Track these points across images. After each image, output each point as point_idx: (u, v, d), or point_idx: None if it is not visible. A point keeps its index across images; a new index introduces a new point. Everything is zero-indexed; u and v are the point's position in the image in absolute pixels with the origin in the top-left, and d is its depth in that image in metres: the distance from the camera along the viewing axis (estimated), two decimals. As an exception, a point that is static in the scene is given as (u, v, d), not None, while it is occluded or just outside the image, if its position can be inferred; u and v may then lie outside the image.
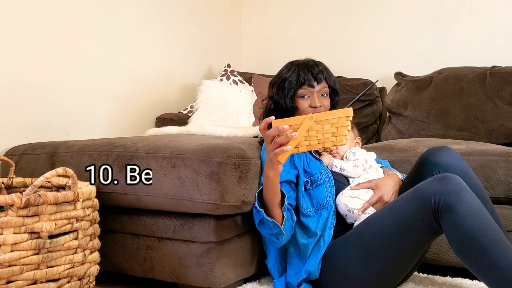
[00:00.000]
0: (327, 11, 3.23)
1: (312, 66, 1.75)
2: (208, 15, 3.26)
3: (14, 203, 1.29)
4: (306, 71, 1.73)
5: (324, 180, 1.68)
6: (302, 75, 1.73)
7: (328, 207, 1.64)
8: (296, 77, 1.73)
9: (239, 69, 3.38)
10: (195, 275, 1.66)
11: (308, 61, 1.78)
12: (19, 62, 2.14)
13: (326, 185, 1.68)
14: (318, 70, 1.74)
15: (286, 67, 1.80)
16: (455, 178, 1.39)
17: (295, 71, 1.74)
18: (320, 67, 1.76)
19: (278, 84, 1.77)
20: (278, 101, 1.75)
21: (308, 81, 1.72)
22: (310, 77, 1.72)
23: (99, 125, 2.53)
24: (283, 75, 1.77)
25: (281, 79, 1.76)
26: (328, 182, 1.69)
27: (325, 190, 1.67)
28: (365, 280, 1.50)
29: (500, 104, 2.45)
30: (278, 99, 1.75)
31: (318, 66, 1.76)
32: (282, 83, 1.75)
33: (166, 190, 1.63)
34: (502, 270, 1.27)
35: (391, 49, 3.04)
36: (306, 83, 1.72)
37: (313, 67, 1.75)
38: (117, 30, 2.61)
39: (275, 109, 1.78)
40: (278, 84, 1.77)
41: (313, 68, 1.75)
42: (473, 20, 2.83)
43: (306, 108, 1.73)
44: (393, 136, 2.65)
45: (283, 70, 1.79)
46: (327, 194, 1.66)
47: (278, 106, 1.76)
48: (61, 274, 1.40)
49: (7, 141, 2.09)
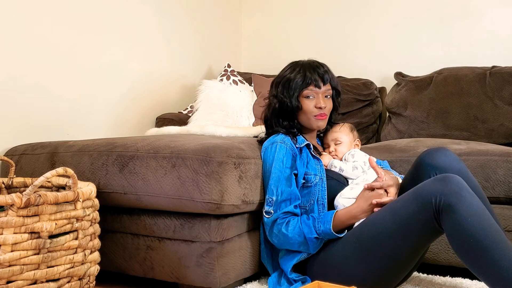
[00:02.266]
0: (327, 11, 3.23)
1: (317, 67, 1.77)
2: (208, 15, 3.26)
3: (14, 203, 1.29)
4: (312, 71, 1.75)
5: (316, 183, 1.69)
6: (309, 75, 1.74)
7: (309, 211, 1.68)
8: (302, 77, 1.74)
9: (239, 69, 3.38)
10: (195, 275, 1.66)
11: (313, 62, 1.80)
12: (19, 62, 2.14)
13: (316, 188, 1.69)
14: (323, 71, 1.76)
15: (289, 67, 1.80)
16: (456, 178, 1.39)
17: (301, 72, 1.75)
18: (325, 68, 1.78)
19: (283, 84, 1.77)
20: (283, 100, 1.76)
21: (315, 81, 1.73)
22: (317, 77, 1.74)
23: (99, 125, 2.53)
24: (287, 75, 1.78)
25: (286, 78, 1.77)
26: (320, 185, 1.70)
27: (312, 193, 1.69)
28: (365, 280, 1.50)
29: (500, 104, 2.45)
30: (283, 98, 1.76)
31: (323, 67, 1.78)
32: (287, 83, 1.76)
33: (166, 190, 1.63)
34: (503, 270, 1.27)
35: (391, 49, 3.04)
36: (313, 83, 1.74)
37: (319, 67, 1.77)
38: (117, 30, 2.61)
39: (280, 109, 1.78)
40: (283, 83, 1.77)
41: (319, 68, 1.76)
42: (473, 20, 2.83)
43: (311, 109, 1.75)
44: (393, 136, 2.65)
45: (287, 70, 1.79)
46: (313, 198, 1.68)
47: (283, 105, 1.77)
48: (61, 274, 1.40)
49: (7, 141, 2.09)
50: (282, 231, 1.62)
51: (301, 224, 1.60)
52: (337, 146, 1.87)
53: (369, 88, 2.78)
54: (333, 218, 1.57)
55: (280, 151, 1.69)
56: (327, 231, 1.56)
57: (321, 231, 1.57)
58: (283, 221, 1.63)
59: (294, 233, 1.59)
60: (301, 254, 1.64)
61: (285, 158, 1.68)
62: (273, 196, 1.66)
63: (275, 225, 1.64)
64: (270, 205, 1.66)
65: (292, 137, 1.76)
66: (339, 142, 1.87)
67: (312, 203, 1.68)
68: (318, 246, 1.60)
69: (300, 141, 1.77)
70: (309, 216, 1.62)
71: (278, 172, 1.67)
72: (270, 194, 1.67)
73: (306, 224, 1.59)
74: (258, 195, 1.72)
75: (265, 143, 1.78)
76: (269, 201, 1.67)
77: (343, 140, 1.87)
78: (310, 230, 1.58)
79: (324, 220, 1.58)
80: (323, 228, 1.57)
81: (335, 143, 1.87)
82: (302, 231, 1.58)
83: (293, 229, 1.60)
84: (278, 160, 1.68)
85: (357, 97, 2.77)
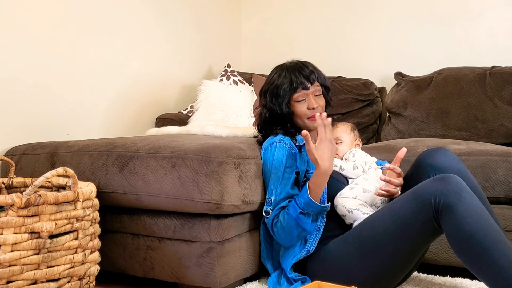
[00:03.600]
0: (327, 11, 3.23)
1: (302, 68, 1.75)
2: (208, 15, 3.26)
3: (14, 203, 1.29)
4: (298, 74, 1.73)
5: None
6: (295, 79, 1.73)
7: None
8: (289, 82, 1.73)
9: (239, 69, 3.38)
10: (195, 275, 1.67)
11: (296, 63, 1.78)
12: (19, 62, 2.14)
13: None
14: (309, 71, 1.75)
15: (275, 73, 1.79)
16: (456, 179, 1.39)
17: (286, 76, 1.74)
18: (309, 68, 1.76)
19: (271, 92, 1.77)
20: (273, 109, 1.77)
21: (302, 84, 1.72)
22: (303, 80, 1.73)
23: (99, 125, 2.53)
24: (274, 82, 1.77)
25: (273, 86, 1.76)
26: None
27: None
28: (365, 280, 1.50)
29: (500, 104, 2.45)
30: (272, 106, 1.76)
31: (308, 67, 1.76)
32: (275, 90, 1.76)
33: (166, 190, 1.63)
34: (503, 270, 1.27)
35: (391, 49, 3.04)
36: (301, 86, 1.73)
37: (303, 68, 1.75)
38: (117, 30, 2.61)
39: (270, 117, 1.79)
40: (271, 91, 1.77)
41: (303, 70, 1.75)
42: (473, 20, 2.83)
43: (304, 111, 1.74)
44: (393, 136, 2.65)
45: (273, 76, 1.79)
46: None
47: (274, 114, 1.77)
48: (61, 274, 1.40)
49: (7, 141, 2.09)
50: (278, 226, 1.63)
51: (288, 209, 1.61)
52: (338, 145, 1.87)
53: (369, 88, 2.78)
54: (308, 187, 1.58)
55: (280, 151, 1.69)
56: (307, 201, 1.56)
57: (302, 204, 1.57)
58: (278, 218, 1.64)
59: (286, 221, 1.60)
60: (301, 253, 1.64)
61: (284, 158, 1.69)
62: (272, 196, 1.66)
63: (273, 224, 1.64)
64: (269, 205, 1.66)
65: (291, 136, 1.76)
66: (340, 141, 1.87)
67: None
68: (311, 224, 1.60)
69: (299, 139, 1.77)
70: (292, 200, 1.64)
71: (277, 172, 1.67)
72: (269, 194, 1.67)
73: (291, 206, 1.61)
74: (258, 195, 1.73)
75: (264, 144, 1.78)
76: (268, 201, 1.67)
77: (344, 139, 1.88)
78: (294, 208, 1.58)
79: (302, 194, 1.59)
80: (303, 200, 1.57)
81: (336, 142, 1.87)
82: (290, 214, 1.59)
83: (283, 217, 1.61)
84: (277, 160, 1.68)
85: (357, 97, 2.77)
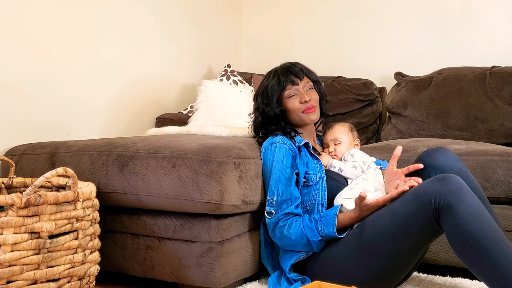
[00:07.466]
0: (327, 11, 3.23)
1: (289, 67, 1.81)
2: (208, 15, 3.26)
3: (14, 203, 1.29)
4: (286, 73, 1.79)
5: (317, 183, 1.69)
6: (283, 78, 1.78)
7: (310, 210, 1.68)
8: (277, 80, 1.78)
9: (239, 69, 3.38)
10: (195, 275, 1.66)
11: (285, 64, 1.84)
12: (20, 62, 2.14)
13: (316, 188, 1.69)
14: (298, 69, 1.80)
15: (266, 77, 1.85)
16: (456, 179, 1.39)
17: (275, 77, 1.80)
18: (298, 66, 1.82)
19: (262, 93, 1.82)
20: (264, 110, 1.80)
21: (291, 80, 1.77)
22: (291, 76, 1.78)
23: (99, 125, 2.53)
24: (264, 84, 1.82)
25: (263, 87, 1.82)
26: (320, 185, 1.70)
27: (313, 192, 1.69)
28: (365, 280, 1.50)
29: (500, 104, 2.45)
30: (264, 107, 1.79)
31: (296, 66, 1.82)
32: (265, 91, 1.80)
33: (166, 190, 1.63)
34: (503, 270, 1.27)
35: (391, 49, 3.04)
36: (289, 83, 1.77)
37: (291, 67, 1.81)
38: (118, 30, 2.61)
39: (263, 119, 1.80)
40: (262, 93, 1.82)
41: (292, 68, 1.80)
42: (473, 20, 2.82)
43: (297, 105, 1.77)
44: (393, 136, 2.65)
45: (263, 80, 1.85)
46: (313, 197, 1.68)
47: (265, 115, 1.79)
48: (61, 274, 1.40)
49: (7, 141, 2.09)
50: (285, 234, 1.62)
51: (304, 227, 1.60)
52: (336, 146, 1.87)
53: (369, 88, 2.78)
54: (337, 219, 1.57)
55: (280, 151, 1.70)
56: (331, 234, 1.57)
57: (325, 234, 1.57)
58: (284, 223, 1.63)
59: (297, 236, 1.60)
60: (300, 254, 1.64)
61: (285, 158, 1.69)
62: (273, 197, 1.66)
63: (277, 227, 1.64)
64: (271, 206, 1.66)
65: (290, 137, 1.76)
66: (338, 142, 1.87)
67: (313, 202, 1.68)
68: (322, 246, 1.61)
69: (298, 140, 1.77)
70: (311, 218, 1.62)
71: (278, 172, 1.68)
72: (271, 195, 1.67)
73: (308, 227, 1.59)
74: (258, 195, 1.73)
75: (264, 144, 1.78)
76: (270, 202, 1.67)
77: (342, 140, 1.88)
78: (313, 233, 1.58)
79: (328, 223, 1.58)
80: (326, 231, 1.57)
81: (335, 143, 1.87)
82: (304, 234, 1.59)
83: (296, 232, 1.60)
84: (278, 160, 1.69)
85: (357, 97, 2.77)
